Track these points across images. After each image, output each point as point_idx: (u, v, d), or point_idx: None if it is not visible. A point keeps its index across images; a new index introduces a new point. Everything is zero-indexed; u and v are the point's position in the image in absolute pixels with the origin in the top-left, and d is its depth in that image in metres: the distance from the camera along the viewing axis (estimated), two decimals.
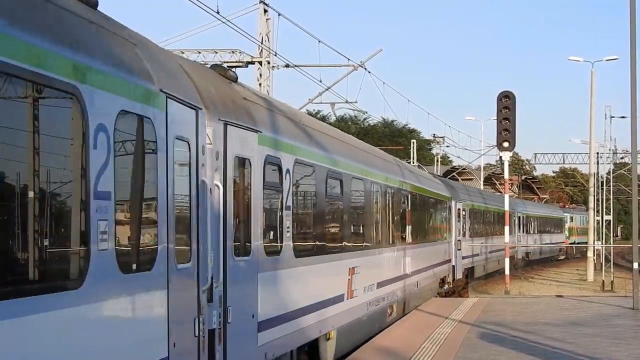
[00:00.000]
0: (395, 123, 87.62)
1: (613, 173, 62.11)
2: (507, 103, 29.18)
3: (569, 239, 79.59)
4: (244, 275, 10.21)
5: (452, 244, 31.68)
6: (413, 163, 53.26)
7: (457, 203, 33.12)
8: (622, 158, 68.06)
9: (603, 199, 57.35)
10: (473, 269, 37.48)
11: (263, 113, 11.66)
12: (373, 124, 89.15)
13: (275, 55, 30.79)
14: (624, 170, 67.62)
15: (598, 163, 54.47)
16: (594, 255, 49.64)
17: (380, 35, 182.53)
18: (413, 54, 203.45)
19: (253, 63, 32.88)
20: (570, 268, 60.02)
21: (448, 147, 76.99)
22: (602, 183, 58.16)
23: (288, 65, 31.27)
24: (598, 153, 54.19)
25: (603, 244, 51.88)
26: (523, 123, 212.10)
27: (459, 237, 33.26)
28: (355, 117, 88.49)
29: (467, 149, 69.29)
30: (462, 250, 33.46)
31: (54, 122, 6.07)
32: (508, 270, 30.92)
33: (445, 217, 30.83)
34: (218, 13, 21.49)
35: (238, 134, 10.04)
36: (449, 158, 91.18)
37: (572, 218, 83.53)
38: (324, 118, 71.54)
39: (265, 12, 31.28)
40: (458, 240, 32.84)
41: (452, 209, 32.05)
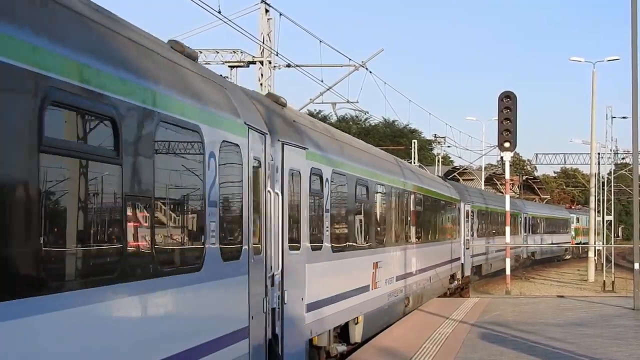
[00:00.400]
0: (397, 123, 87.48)
1: (614, 173, 61.93)
2: (508, 103, 29.01)
3: (575, 239, 79.90)
4: (296, 266, 12.59)
5: (461, 243, 33.50)
6: (414, 163, 52.80)
7: (465, 205, 34.95)
8: (623, 158, 67.07)
9: (604, 200, 56.91)
10: (480, 267, 39.26)
11: (308, 132, 14.07)
12: (374, 124, 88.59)
13: (277, 55, 30.62)
14: (625, 171, 66.91)
15: (599, 163, 53.94)
16: (595, 256, 49.40)
17: (382, 35, 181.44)
18: (414, 54, 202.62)
19: (254, 63, 32.78)
20: (571, 268, 59.65)
21: (449, 147, 75.16)
22: (603, 183, 57.65)
23: (289, 65, 31.16)
24: (599, 153, 53.72)
25: (604, 244, 51.66)
26: (524, 123, 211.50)
27: (468, 236, 35.04)
28: (357, 117, 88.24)
29: (468, 149, 68.33)
30: (470, 249, 35.17)
31: (187, 152, 8.47)
32: (509, 270, 31.02)
33: (455, 218, 32.72)
34: (219, 13, 21.34)
35: (291, 151, 12.43)
36: (450, 158, 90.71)
37: (578, 219, 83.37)
38: (325, 118, 71.12)
39: (267, 11, 31.01)
40: (467, 240, 34.65)
41: (461, 211, 33.91)
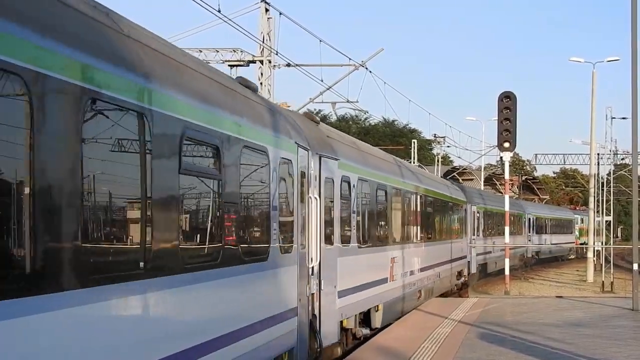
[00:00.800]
0: (396, 123, 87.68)
1: (613, 174, 61.64)
2: (507, 103, 29.05)
3: (580, 239, 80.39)
4: (330, 258, 14.98)
5: (467, 243, 35.84)
6: (414, 163, 52.84)
7: (471, 206, 37.15)
8: (622, 159, 66.53)
9: (603, 200, 56.98)
10: (485, 265, 41.26)
11: (339, 145, 16.49)
12: (374, 124, 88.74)
13: (277, 54, 30.75)
14: (625, 171, 66.67)
15: (599, 164, 53.61)
16: (594, 256, 49.17)
17: (382, 35, 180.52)
18: (414, 54, 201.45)
19: (254, 62, 32.93)
20: (571, 269, 59.61)
21: (449, 147, 74.73)
22: (602, 184, 57.36)
23: (289, 65, 31.20)
24: (599, 154, 53.35)
25: (603, 245, 51.88)
26: (524, 123, 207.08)
27: (474, 236, 37.25)
28: (356, 116, 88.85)
29: (467, 149, 67.99)
30: (476, 248, 37.33)
31: (259, 167, 10.85)
32: (508, 271, 31.07)
33: (462, 218, 35.03)
34: (219, 12, 21.47)
35: (327, 163, 14.83)
36: (450, 158, 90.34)
37: (582, 220, 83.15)
38: (325, 117, 71.52)
39: (267, 11, 31.15)
40: (473, 239, 36.89)
41: (467, 212, 36.14)
